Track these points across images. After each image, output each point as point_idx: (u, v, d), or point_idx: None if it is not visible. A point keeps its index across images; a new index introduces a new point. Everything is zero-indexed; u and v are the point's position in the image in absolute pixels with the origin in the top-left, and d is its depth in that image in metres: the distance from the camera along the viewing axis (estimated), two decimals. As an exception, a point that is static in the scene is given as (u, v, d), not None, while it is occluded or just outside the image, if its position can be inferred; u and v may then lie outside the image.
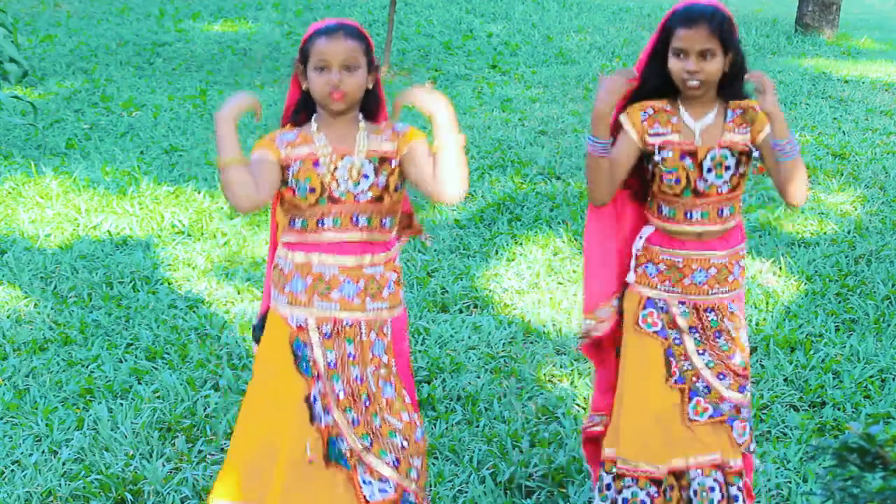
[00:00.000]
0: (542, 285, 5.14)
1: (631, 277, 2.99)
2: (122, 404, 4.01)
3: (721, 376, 2.93)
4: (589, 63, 10.47)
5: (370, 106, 2.81)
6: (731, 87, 2.87)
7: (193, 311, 4.82)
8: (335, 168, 2.71)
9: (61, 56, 10.60)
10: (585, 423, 3.22)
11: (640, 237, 2.97)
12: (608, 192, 2.91)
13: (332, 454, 2.74)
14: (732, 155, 2.86)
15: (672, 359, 2.94)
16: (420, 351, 4.45)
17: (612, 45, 11.27)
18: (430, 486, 3.51)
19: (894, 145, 7.55)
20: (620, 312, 3.04)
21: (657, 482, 2.94)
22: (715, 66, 2.78)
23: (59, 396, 4.10)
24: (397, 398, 2.80)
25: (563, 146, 7.50)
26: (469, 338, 4.59)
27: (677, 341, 2.94)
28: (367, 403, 2.76)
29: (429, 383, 4.19)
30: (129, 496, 3.44)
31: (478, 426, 3.89)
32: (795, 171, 2.78)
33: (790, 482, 3.55)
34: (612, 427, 3.04)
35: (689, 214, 2.89)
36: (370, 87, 2.77)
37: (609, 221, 3.05)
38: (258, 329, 2.87)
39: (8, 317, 4.79)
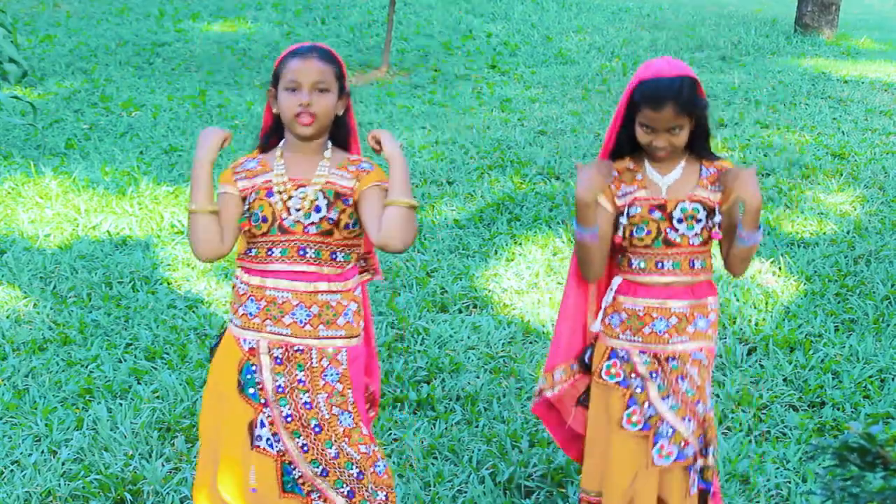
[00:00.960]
0: (541, 285, 5.14)
1: (596, 327, 2.97)
2: (121, 404, 4.01)
3: (687, 419, 2.89)
4: (588, 63, 10.48)
5: (339, 134, 2.78)
6: (697, 144, 2.84)
7: (193, 311, 4.82)
8: (289, 197, 2.67)
9: (61, 56, 10.60)
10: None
11: (611, 289, 2.93)
12: (601, 268, 2.92)
13: (287, 483, 2.72)
14: (704, 209, 2.84)
15: (635, 406, 2.90)
16: (419, 351, 4.45)
17: (612, 46, 11.27)
18: (430, 487, 3.51)
19: (894, 145, 7.55)
20: (585, 369, 3.03)
21: None
22: (683, 138, 2.77)
23: (59, 396, 4.09)
24: (355, 429, 2.74)
25: (563, 146, 7.50)
26: (468, 338, 4.59)
27: (639, 388, 2.90)
28: (318, 430, 2.72)
29: (428, 383, 4.19)
30: (128, 496, 3.44)
31: (477, 426, 3.89)
32: (747, 254, 2.83)
33: (790, 482, 3.55)
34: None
35: (659, 265, 2.85)
36: (339, 113, 2.75)
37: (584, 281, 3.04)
38: (214, 347, 2.83)
39: (7, 317, 4.79)
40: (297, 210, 2.66)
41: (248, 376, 2.71)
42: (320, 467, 2.72)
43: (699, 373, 2.90)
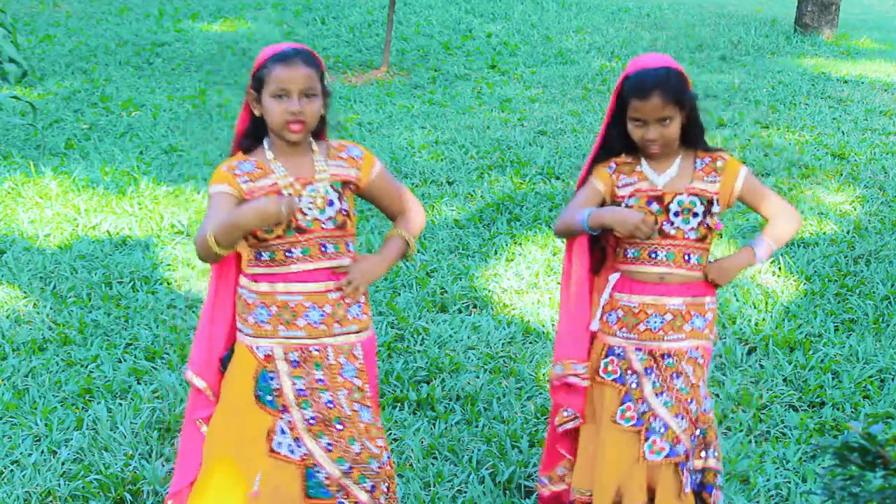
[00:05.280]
0: (541, 285, 5.14)
1: (595, 325, 2.99)
2: (121, 404, 4.01)
3: (679, 417, 2.89)
4: (588, 63, 10.48)
5: (317, 127, 2.77)
6: (691, 136, 2.86)
7: (192, 311, 4.82)
8: (300, 197, 2.66)
9: (61, 56, 10.60)
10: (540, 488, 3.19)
11: (609, 286, 2.96)
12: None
13: (311, 487, 2.72)
14: (701, 202, 2.85)
15: (630, 402, 2.91)
16: (419, 351, 4.44)
17: (612, 46, 11.27)
18: (430, 487, 3.51)
19: (893, 145, 7.55)
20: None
21: None
22: (674, 130, 2.79)
23: (59, 396, 4.09)
24: (373, 423, 2.77)
25: (563, 146, 7.50)
26: (468, 338, 4.58)
27: (634, 385, 2.91)
28: (341, 428, 2.73)
29: (428, 383, 4.19)
30: (128, 496, 3.44)
31: (477, 426, 3.89)
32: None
33: (790, 482, 3.55)
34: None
35: (653, 254, 2.87)
36: (324, 113, 2.73)
37: (584, 278, 3.05)
38: (226, 360, 2.80)
39: (7, 317, 4.79)
40: (311, 208, 2.66)
41: (265, 384, 2.70)
42: (346, 464, 2.73)
43: (694, 371, 2.91)
